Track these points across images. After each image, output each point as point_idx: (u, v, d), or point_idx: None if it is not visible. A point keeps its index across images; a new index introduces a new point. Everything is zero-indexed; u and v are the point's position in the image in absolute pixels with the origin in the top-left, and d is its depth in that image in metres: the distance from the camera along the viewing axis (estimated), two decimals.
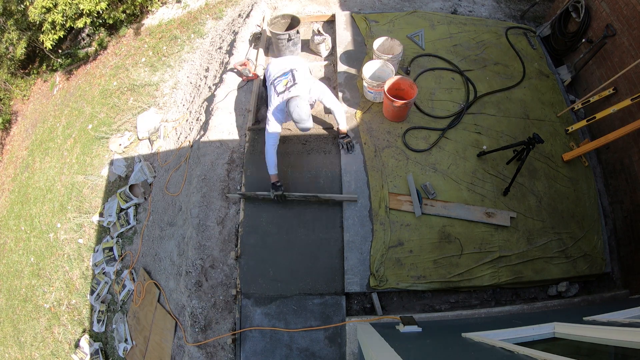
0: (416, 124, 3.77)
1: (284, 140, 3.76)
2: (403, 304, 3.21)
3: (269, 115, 3.25)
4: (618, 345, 1.48)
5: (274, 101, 3.22)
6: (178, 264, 3.61)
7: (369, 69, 3.75)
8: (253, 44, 4.73)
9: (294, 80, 3.18)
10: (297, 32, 4.26)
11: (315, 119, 3.86)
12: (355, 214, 3.35)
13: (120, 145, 5.13)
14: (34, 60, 8.00)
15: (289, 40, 4.24)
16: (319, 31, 4.39)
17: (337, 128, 3.58)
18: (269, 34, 4.50)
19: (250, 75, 4.25)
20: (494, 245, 3.25)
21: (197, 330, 3.17)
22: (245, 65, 4.20)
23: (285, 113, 3.22)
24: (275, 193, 3.30)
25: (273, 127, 3.24)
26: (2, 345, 4.94)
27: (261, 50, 4.64)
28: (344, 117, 3.53)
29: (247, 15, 5.13)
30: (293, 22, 4.41)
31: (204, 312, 3.22)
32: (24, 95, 7.69)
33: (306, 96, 3.18)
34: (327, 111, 3.88)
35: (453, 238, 3.26)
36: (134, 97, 5.72)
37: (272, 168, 3.28)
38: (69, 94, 6.72)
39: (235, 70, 4.35)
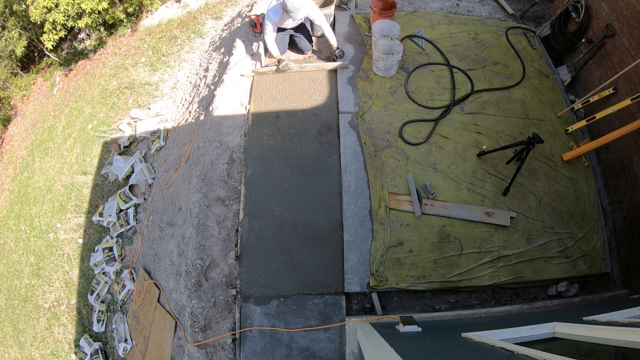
0: (412, 118, 3.79)
1: (284, 149, 3.76)
2: (403, 304, 3.21)
3: (265, 20, 3.83)
4: (618, 345, 1.48)
5: (271, 3, 3.78)
6: (178, 263, 3.61)
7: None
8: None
9: None
10: None
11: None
12: (355, 214, 3.35)
13: (120, 145, 5.12)
14: (33, 59, 7.99)
15: None
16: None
17: (331, 45, 4.16)
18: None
19: (256, 28, 4.74)
20: (493, 245, 3.25)
21: (197, 330, 3.17)
22: (250, 18, 4.68)
23: (280, 11, 3.73)
24: (280, 66, 4.07)
25: (269, 30, 3.85)
26: (2, 345, 4.94)
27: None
28: (333, 34, 4.12)
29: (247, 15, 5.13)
30: None
31: (204, 312, 3.22)
32: (24, 95, 7.68)
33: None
34: (317, 32, 4.46)
35: (453, 238, 3.26)
36: (133, 97, 5.72)
37: (275, 52, 4.04)
38: (68, 93, 6.72)
39: (248, 19, 4.80)
